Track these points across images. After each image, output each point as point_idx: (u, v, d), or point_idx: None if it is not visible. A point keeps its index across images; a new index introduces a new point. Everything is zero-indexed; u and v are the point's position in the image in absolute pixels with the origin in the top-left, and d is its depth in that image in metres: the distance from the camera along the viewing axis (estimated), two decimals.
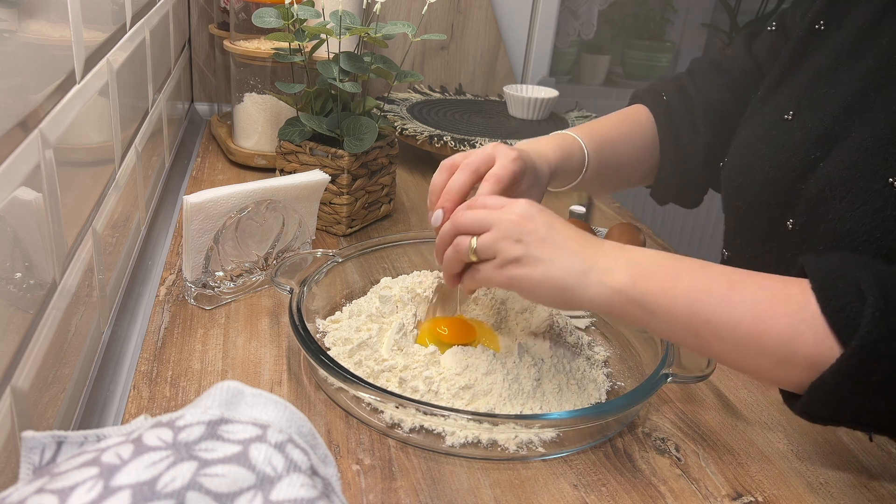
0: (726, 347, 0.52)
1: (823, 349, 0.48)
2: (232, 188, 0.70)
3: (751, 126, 0.74)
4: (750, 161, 0.71)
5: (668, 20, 2.22)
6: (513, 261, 0.55)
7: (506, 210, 0.57)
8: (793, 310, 0.50)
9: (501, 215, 0.56)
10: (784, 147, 0.67)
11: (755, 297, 0.51)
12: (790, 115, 0.68)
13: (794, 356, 0.49)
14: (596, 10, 2.04)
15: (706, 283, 0.52)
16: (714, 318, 0.51)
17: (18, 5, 0.45)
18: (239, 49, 1.05)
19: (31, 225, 0.47)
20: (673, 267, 0.54)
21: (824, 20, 0.69)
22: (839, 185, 0.60)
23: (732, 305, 0.51)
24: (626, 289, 0.53)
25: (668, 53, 2.20)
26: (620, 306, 0.54)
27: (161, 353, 0.64)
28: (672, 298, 0.52)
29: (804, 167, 0.65)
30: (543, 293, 0.55)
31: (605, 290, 0.53)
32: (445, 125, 1.18)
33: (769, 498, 0.54)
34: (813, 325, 0.49)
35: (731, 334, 0.51)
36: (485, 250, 0.57)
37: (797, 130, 0.67)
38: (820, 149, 0.64)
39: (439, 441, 0.56)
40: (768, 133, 0.70)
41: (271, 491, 0.30)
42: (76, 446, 0.34)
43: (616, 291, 0.53)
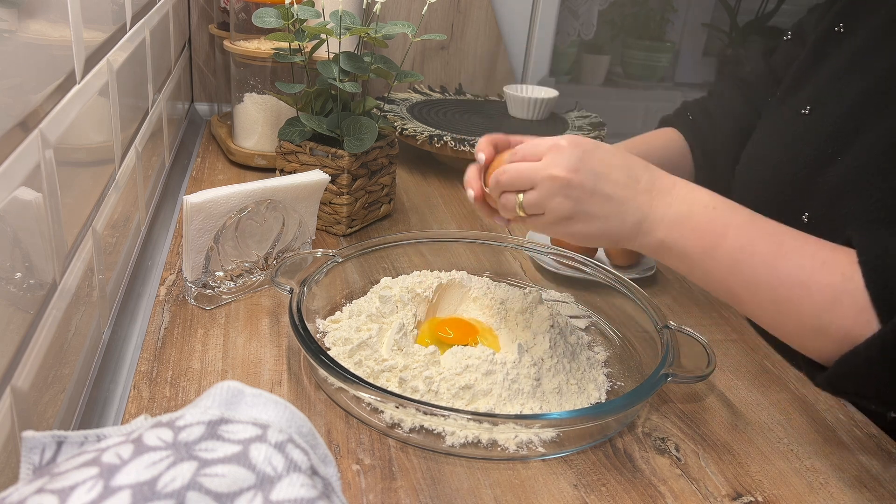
0: (762, 310, 0.52)
1: (861, 323, 0.48)
2: (232, 188, 0.70)
3: (768, 122, 0.75)
4: (766, 155, 0.72)
5: (668, 20, 2.22)
6: (564, 219, 0.55)
7: (549, 163, 0.55)
8: (837, 280, 0.50)
9: (545, 170, 0.55)
10: (800, 141, 0.68)
11: (801, 262, 0.51)
12: (807, 110, 0.69)
13: (829, 326, 0.49)
14: (596, 10, 2.04)
15: (753, 242, 0.52)
16: (755, 279, 0.52)
17: (18, 5, 0.45)
18: (239, 49, 1.05)
19: (31, 225, 0.47)
20: (723, 221, 0.54)
21: (843, 22, 0.70)
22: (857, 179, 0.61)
23: (776, 268, 0.51)
24: (671, 243, 0.54)
25: (668, 53, 2.20)
26: (665, 256, 0.55)
27: (161, 353, 0.64)
28: (715, 257, 0.53)
29: (820, 161, 0.65)
30: (599, 244, 0.57)
31: (654, 241, 0.55)
32: (445, 125, 1.18)
33: (769, 498, 0.54)
34: (854, 297, 0.49)
35: (769, 298, 0.51)
36: (533, 209, 0.56)
37: (814, 125, 0.68)
38: (836, 143, 0.65)
39: (439, 441, 0.56)
40: (785, 128, 0.71)
41: (271, 491, 0.30)
42: (76, 446, 0.34)
43: (662, 243, 0.55)
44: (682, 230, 0.54)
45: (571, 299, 0.79)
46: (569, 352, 0.67)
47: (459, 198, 1.07)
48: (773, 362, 0.72)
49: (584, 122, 1.26)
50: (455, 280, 0.76)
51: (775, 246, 0.52)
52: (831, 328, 0.49)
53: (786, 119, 0.72)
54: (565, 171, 0.54)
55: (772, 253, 0.52)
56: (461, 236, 0.87)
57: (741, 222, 0.54)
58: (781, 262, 0.51)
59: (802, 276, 0.50)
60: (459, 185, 1.12)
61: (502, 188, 0.58)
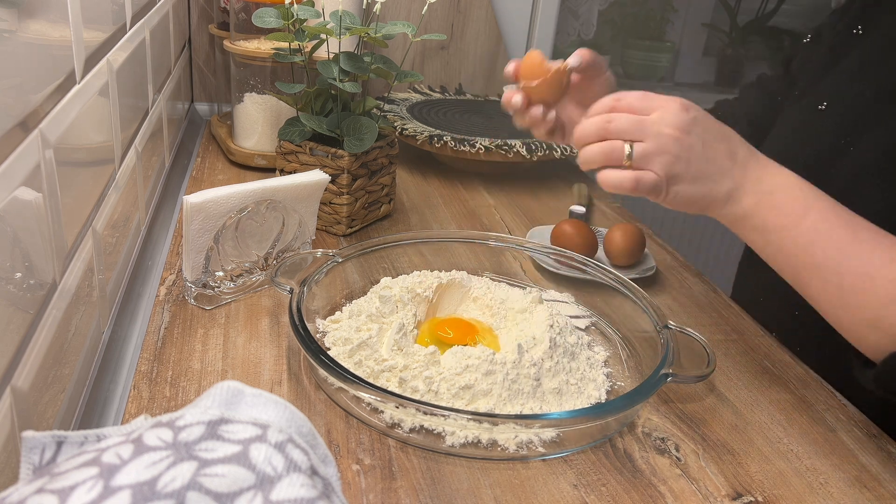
0: (825, 294, 0.53)
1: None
2: (232, 188, 0.70)
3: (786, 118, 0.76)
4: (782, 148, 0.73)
5: (668, 20, 2.22)
6: (671, 178, 0.55)
7: (661, 120, 0.55)
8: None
9: (659, 127, 0.55)
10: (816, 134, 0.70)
11: (873, 253, 0.52)
12: (824, 106, 0.70)
13: (884, 321, 0.51)
14: (596, 10, 2.04)
15: (829, 228, 0.53)
16: (825, 262, 0.53)
17: (18, 5, 0.45)
18: (239, 49, 1.05)
19: (31, 225, 0.47)
20: (805, 202, 0.55)
21: (862, 25, 0.72)
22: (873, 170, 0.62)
23: (847, 255, 0.52)
24: (753, 216, 0.55)
25: (668, 53, 2.20)
26: (745, 227, 0.56)
27: (161, 353, 0.64)
28: (792, 237, 0.54)
29: (834, 152, 0.67)
30: (690, 208, 0.57)
31: (738, 210, 0.56)
32: (445, 125, 1.18)
33: (769, 498, 0.54)
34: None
35: (834, 283, 0.52)
36: (643, 161, 0.56)
37: (830, 119, 0.69)
38: (851, 135, 0.66)
39: (439, 441, 0.56)
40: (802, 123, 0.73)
41: (271, 491, 0.30)
42: (76, 446, 0.34)
43: (746, 213, 0.56)
44: (766, 204, 0.55)
45: (571, 299, 0.79)
46: (569, 352, 0.67)
47: (459, 198, 1.08)
48: (773, 362, 0.72)
49: None
50: (455, 280, 0.76)
51: (851, 234, 0.53)
52: (885, 323, 0.51)
53: (803, 115, 0.74)
54: (679, 130, 0.55)
55: (847, 240, 0.53)
56: (461, 236, 0.87)
57: (823, 206, 0.55)
58: (854, 249, 0.52)
59: (871, 268, 0.51)
60: (459, 185, 1.12)
61: (609, 134, 0.57)
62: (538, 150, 1.08)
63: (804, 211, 0.55)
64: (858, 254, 0.52)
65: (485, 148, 1.08)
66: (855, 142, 0.66)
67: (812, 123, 0.71)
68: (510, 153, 1.07)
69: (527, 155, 1.07)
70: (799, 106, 0.76)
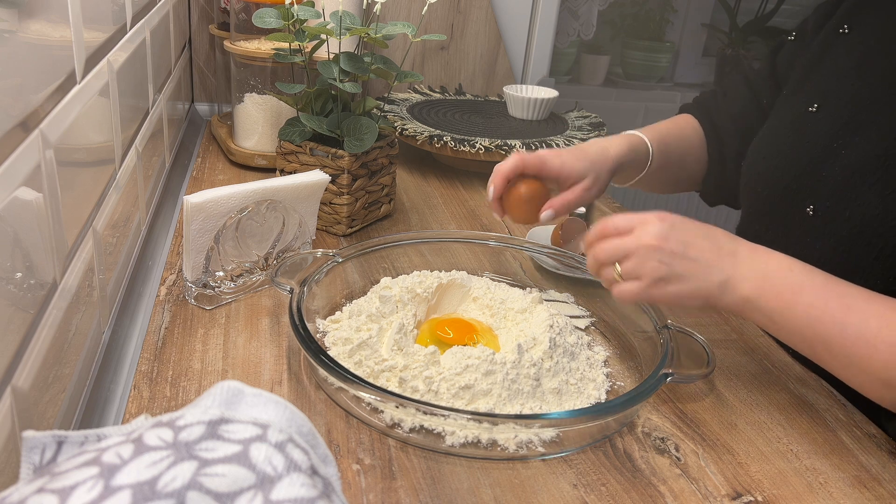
0: (836, 363, 0.57)
1: None
2: (232, 188, 0.70)
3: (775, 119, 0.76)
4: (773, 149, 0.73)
5: (668, 20, 2.22)
6: (659, 280, 0.59)
7: (640, 234, 0.60)
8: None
9: (638, 241, 0.60)
10: (807, 136, 0.70)
11: (868, 323, 0.55)
12: (815, 107, 0.71)
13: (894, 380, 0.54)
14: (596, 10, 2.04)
15: (825, 302, 0.57)
16: (827, 337, 0.56)
17: (18, 5, 0.45)
18: (239, 49, 1.05)
19: (31, 225, 0.47)
20: (798, 281, 0.58)
21: (848, 24, 0.72)
22: (864, 171, 0.63)
23: (844, 328, 0.56)
24: (753, 300, 0.59)
25: (668, 53, 2.20)
26: (749, 313, 0.60)
27: (161, 353, 0.64)
28: (792, 315, 0.57)
29: (826, 154, 0.67)
30: (689, 303, 0.61)
31: (737, 299, 0.59)
32: (445, 125, 1.18)
33: (769, 498, 0.54)
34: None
35: (841, 353, 0.56)
36: (629, 275, 0.61)
37: (822, 120, 0.70)
38: (843, 136, 0.67)
39: (439, 441, 0.56)
40: (792, 124, 0.73)
41: (271, 490, 0.30)
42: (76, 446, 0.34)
43: (745, 300, 0.59)
44: (762, 289, 0.58)
45: (571, 299, 0.79)
46: (569, 352, 0.67)
47: (459, 198, 1.08)
48: (773, 362, 0.72)
49: (584, 123, 1.26)
50: (455, 280, 0.76)
51: (845, 306, 0.56)
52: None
53: (793, 116, 0.73)
54: (657, 239, 0.59)
55: (841, 312, 0.56)
56: (461, 236, 0.87)
57: (816, 283, 0.58)
58: (850, 319, 0.56)
59: (868, 336, 0.55)
60: (459, 185, 1.12)
61: (601, 263, 0.63)
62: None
63: (799, 289, 0.58)
64: (854, 323, 0.55)
65: (485, 148, 1.08)
66: (847, 144, 0.66)
67: (803, 125, 0.71)
68: (510, 153, 1.07)
69: None
70: (788, 107, 0.76)
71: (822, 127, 0.69)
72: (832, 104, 0.70)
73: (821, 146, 0.68)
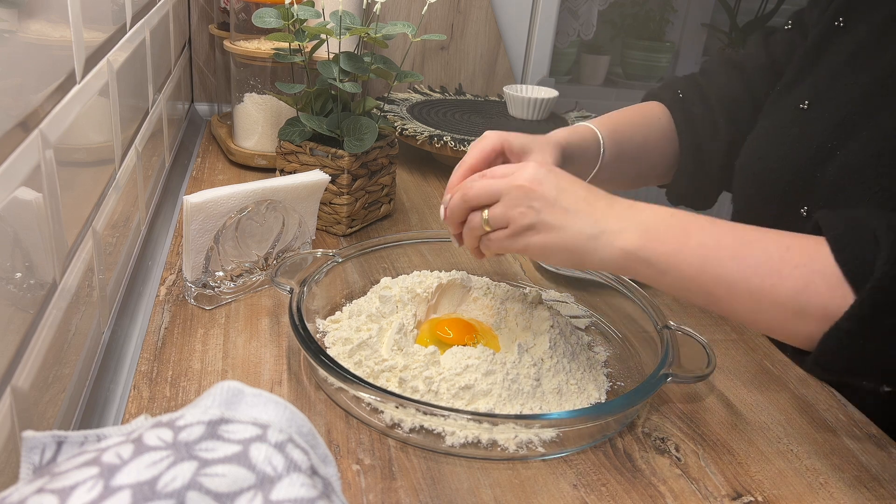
0: (738, 302, 0.52)
1: (837, 298, 0.49)
2: (232, 188, 0.70)
3: (768, 117, 0.75)
4: (766, 149, 0.72)
5: (668, 20, 2.22)
6: (526, 228, 0.55)
7: (514, 177, 0.56)
8: (805, 261, 0.50)
9: (510, 182, 0.56)
10: (801, 135, 0.68)
11: (767, 250, 0.51)
12: (805, 105, 0.69)
13: (807, 307, 0.50)
14: (596, 10, 2.04)
15: (717, 239, 0.53)
16: (725, 273, 0.52)
17: (18, 5, 0.45)
18: (239, 49, 1.05)
19: (31, 225, 0.47)
20: (683, 225, 0.54)
21: (843, 18, 0.70)
22: (859, 172, 0.61)
23: (744, 259, 0.52)
24: (636, 250, 0.54)
25: (668, 53, 2.20)
26: (631, 266, 0.55)
27: (161, 353, 0.64)
28: (683, 257, 0.53)
29: (821, 155, 0.66)
30: (557, 257, 0.56)
31: (616, 252, 0.54)
32: (445, 125, 1.18)
33: (769, 498, 0.54)
34: (826, 274, 0.49)
35: (743, 288, 0.51)
36: (497, 221, 0.57)
37: (815, 120, 0.68)
38: (837, 137, 0.65)
39: (439, 441, 0.56)
40: (785, 123, 0.71)
41: (271, 491, 0.30)
42: (76, 446, 0.34)
43: (626, 253, 0.54)
44: (645, 238, 0.54)
45: (571, 299, 0.79)
46: (569, 352, 0.67)
47: None
48: (773, 362, 0.72)
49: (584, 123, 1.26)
50: (455, 280, 0.76)
51: (738, 238, 0.53)
52: (810, 308, 0.50)
53: (785, 114, 0.72)
54: (529, 181, 0.55)
55: (737, 244, 0.52)
56: None
57: (702, 224, 0.55)
58: (748, 251, 0.52)
59: (772, 263, 0.51)
60: None
61: (469, 203, 0.58)
62: None
63: (685, 233, 0.54)
64: (753, 253, 0.52)
65: None
66: (842, 145, 0.64)
67: (795, 124, 0.70)
68: None
69: None
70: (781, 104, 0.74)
71: (816, 126, 0.67)
72: (824, 102, 0.68)
73: (815, 147, 0.66)
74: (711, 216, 0.57)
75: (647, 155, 0.83)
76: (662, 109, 0.85)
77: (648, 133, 0.82)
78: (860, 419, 0.64)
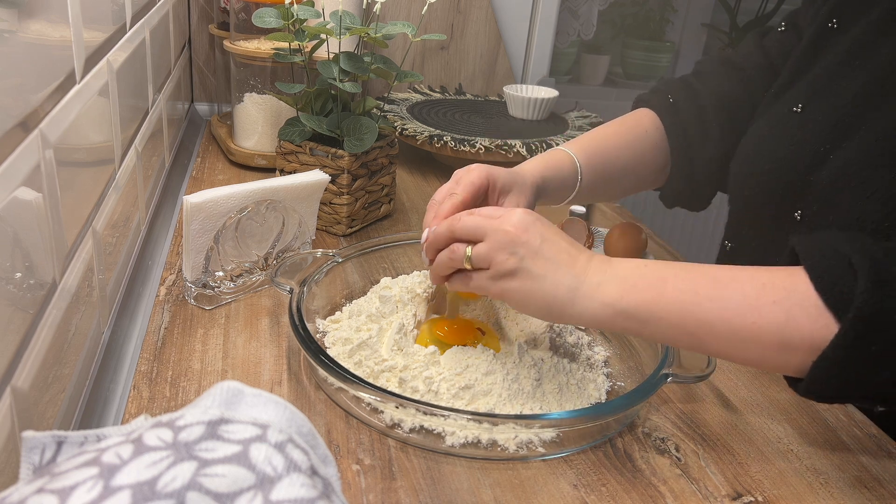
0: (723, 343, 0.52)
1: (820, 328, 0.49)
2: (232, 188, 0.70)
3: (761, 120, 0.74)
4: (759, 153, 0.71)
5: (668, 20, 2.22)
6: (507, 273, 0.55)
7: (502, 220, 0.56)
8: (783, 296, 0.51)
9: (498, 225, 0.56)
10: (794, 138, 0.68)
11: (744, 289, 0.52)
12: (799, 108, 0.69)
13: (791, 340, 0.50)
14: (596, 10, 2.04)
15: (693, 285, 0.53)
16: (706, 317, 0.52)
17: (18, 5, 0.45)
18: (239, 49, 1.05)
19: (31, 225, 0.47)
20: (658, 274, 0.54)
21: (837, 18, 0.70)
22: (852, 176, 0.61)
23: (722, 301, 0.52)
24: (614, 302, 0.54)
25: (668, 53, 2.20)
26: (611, 319, 0.54)
27: (161, 353, 0.64)
28: (662, 306, 0.53)
29: (814, 158, 0.65)
30: (534, 307, 0.56)
31: (596, 305, 0.54)
32: (445, 125, 1.18)
33: (769, 498, 0.54)
34: (805, 306, 0.50)
35: (725, 329, 0.52)
36: (480, 260, 0.57)
37: (808, 123, 0.67)
38: (831, 140, 0.65)
39: (439, 441, 0.56)
40: (778, 126, 0.71)
41: (271, 491, 0.30)
42: (76, 446, 0.34)
43: (606, 305, 0.54)
44: (622, 289, 0.54)
45: None
46: (569, 352, 0.67)
47: None
48: None
49: (584, 123, 1.26)
50: None
51: (714, 280, 0.53)
52: (794, 341, 0.50)
53: (778, 117, 0.71)
54: (515, 228, 0.55)
55: (713, 287, 0.53)
56: None
57: (675, 271, 0.55)
58: (725, 292, 0.52)
59: (749, 301, 0.51)
60: None
61: (455, 234, 0.58)
62: (538, 151, 1.08)
63: (661, 281, 0.54)
64: (730, 294, 0.52)
65: (485, 148, 1.08)
66: (836, 148, 0.64)
67: (788, 127, 0.69)
68: (510, 153, 1.07)
69: (527, 155, 1.07)
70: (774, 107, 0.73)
71: (810, 129, 0.67)
72: (818, 105, 0.68)
73: (809, 151, 0.66)
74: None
75: (631, 172, 0.82)
76: (651, 119, 0.83)
77: (633, 149, 0.81)
78: (860, 419, 0.64)
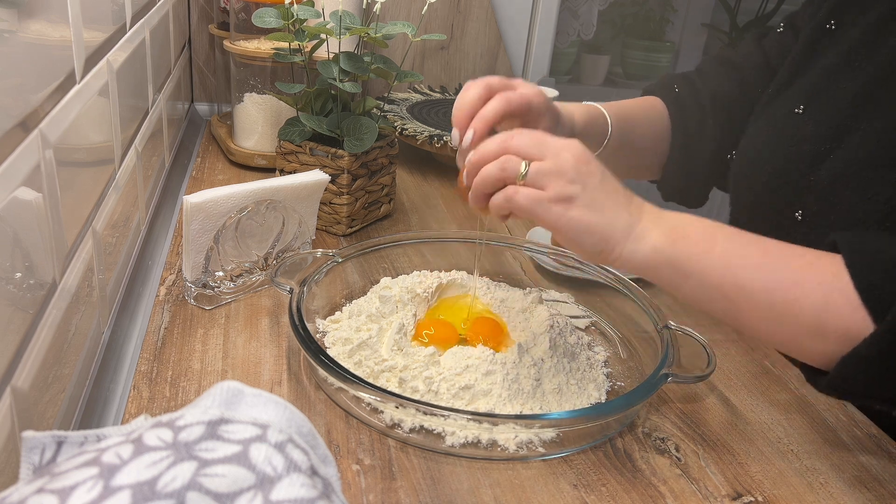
0: (758, 314, 0.52)
1: (857, 320, 0.49)
2: (232, 188, 0.70)
3: (761, 120, 0.74)
4: (760, 153, 0.72)
5: (668, 20, 2.22)
6: (566, 199, 0.52)
7: (564, 145, 0.53)
8: (827, 279, 0.50)
9: (559, 149, 0.53)
10: (794, 139, 0.68)
11: (790, 264, 0.51)
12: (801, 109, 0.69)
13: (826, 326, 0.50)
14: (596, 10, 2.04)
15: (742, 249, 0.53)
16: (749, 284, 0.51)
17: (18, 5, 0.45)
18: (239, 49, 1.05)
19: (31, 225, 0.47)
20: (710, 231, 0.54)
21: (835, 19, 0.70)
22: (851, 176, 0.61)
23: (768, 271, 0.51)
24: (664, 248, 0.53)
25: (668, 53, 2.20)
26: (656, 266, 0.53)
27: (161, 353, 0.64)
28: (708, 261, 0.52)
29: (814, 159, 0.65)
30: (588, 240, 0.53)
31: (646, 249, 0.53)
32: (445, 125, 1.18)
33: (769, 498, 0.54)
34: (847, 295, 0.49)
35: (765, 300, 0.51)
36: (537, 178, 0.52)
37: (808, 123, 0.67)
38: (831, 141, 0.65)
39: (439, 441, 0.56)
40: (778, 126, 0.71)
41: (271, 491, 0.30)
42: (76, 446, 0.34)
43: (656, 251, 0.53)
44: (673, 237, 0.53)
45: (571, 299, 0.79)
46: (569, 352, 0.67)
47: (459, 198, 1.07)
48: (773, 362, 0.72)
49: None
50: (455, 280, 0.76)
51: (763, 250, 0.53)
52: (829, 328, 0.49)
53: (779, 117, 0.72)
54: (579, 158, 0.53)
55: (761, 255, 0.52)
56: (461, 236, 0.87)
57: (728, 232, 0.54)
58: (772, 263, 0.52)
59: (795, 276, 0.50)
60: None
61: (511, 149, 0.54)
62: None
63: (711, 238, 0.53)
64: (777, 266, 0.51)
65: None
66: (835, 149, 0.64)
67: (790, 128, 0.69)
68: None
69: None
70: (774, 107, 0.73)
71: (810, 130, 0.67)
72: (818, 106, 0.68)
73: (809, 151, 0.66)
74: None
75: (648, 143, 0.82)
76: (661, 104, 0.85)
77: (651, 123, 0.82)
78: (860, 419, 0.64)
